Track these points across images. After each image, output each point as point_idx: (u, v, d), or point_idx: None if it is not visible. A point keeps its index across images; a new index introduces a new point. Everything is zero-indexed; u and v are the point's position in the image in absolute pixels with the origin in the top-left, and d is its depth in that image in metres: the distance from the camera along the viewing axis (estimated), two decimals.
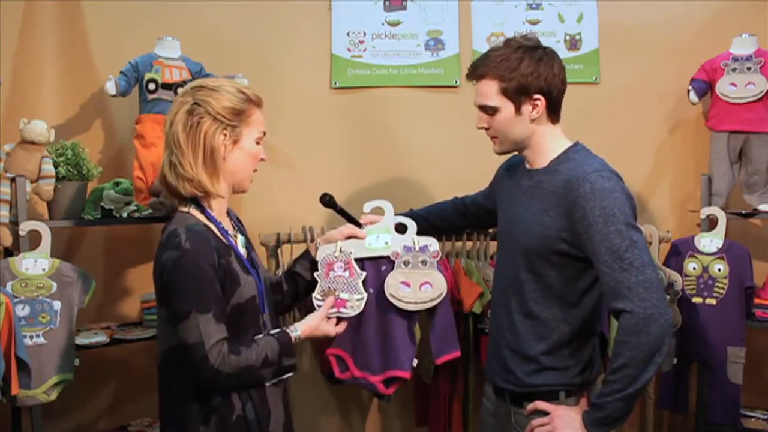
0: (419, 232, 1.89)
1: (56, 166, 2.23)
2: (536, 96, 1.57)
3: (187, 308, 1.41)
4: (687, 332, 2.49)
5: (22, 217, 2.14)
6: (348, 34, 2.71)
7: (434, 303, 1.87)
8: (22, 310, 2.06)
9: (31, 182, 2.18)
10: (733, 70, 2.59)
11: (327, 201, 1.86)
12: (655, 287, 1.44)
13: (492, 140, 1.68)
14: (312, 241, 2.29)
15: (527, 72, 1.55)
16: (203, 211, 1.53)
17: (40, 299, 2.10)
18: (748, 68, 2.57)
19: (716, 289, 2.51)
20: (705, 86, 2.64)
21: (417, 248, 1.87)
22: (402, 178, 2.71)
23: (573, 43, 2.77)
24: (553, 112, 1.62)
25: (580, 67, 2.76)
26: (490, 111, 1.61)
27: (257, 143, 1.57)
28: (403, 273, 1.85)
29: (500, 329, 1.69)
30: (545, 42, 1.63)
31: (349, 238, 1.85)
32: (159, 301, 1.50)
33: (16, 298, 2.06)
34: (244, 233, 1.66)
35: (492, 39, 2.72)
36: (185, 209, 1.53)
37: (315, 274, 1.80)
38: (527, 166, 1.67)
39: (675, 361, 2.55)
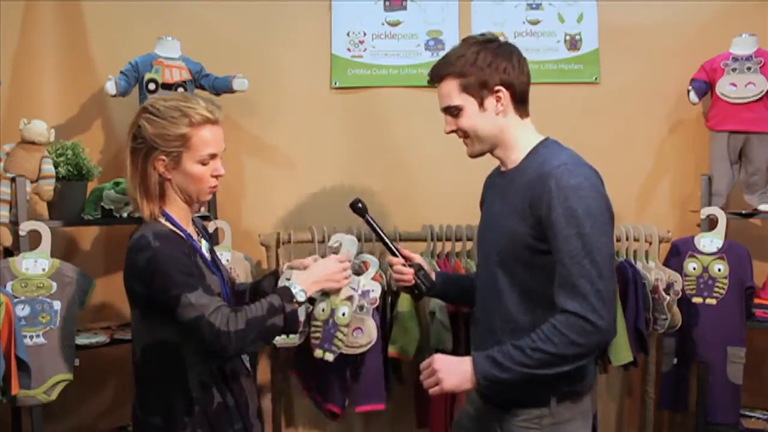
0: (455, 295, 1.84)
1: (56, 166, 2.23)
2: (497, 88, 1.52)
3: (176, 293, 1.42)
4: (687, 332, 2.49)
5: (22, 217, 2.14)
6: (348, 34, 2.71)
7: (362, 350, 1.89)
8: (22, 310, 2.07)
9: (31, 182, 2.18)
10: (733, 70, 2.59)
11: (359, 208, 1.79)
12: (609, 301, 1.38)
13: (464, 142, 1.62)
14: (312, 241, 2.31)
15: (484, 65, 1.51)
16: (168, 219, 1.56)
17: (40, 299, 2.11)
18: (748, 68, 2.57)
19: (716, 289, 2.51)
20: (705, 86, 2.64)
21: (360, 292, 1.86)
22: (402, 178, 2.71)
23: (573, 43, 2.76)
24: (521, 105, 1.55)
25: (580, 67, 2.75)
26: (454, 111, 1.56)
27: (204, 163, 1.52)
28: None
29: (482, 341, 1.60)
30: (546, 42, 1.61)
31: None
32: (132, 301, 1.53)
33: (16, 298, 2.06)
34: (208, 240, 1.69)
35: None
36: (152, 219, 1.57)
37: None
38: (501, 168, 1.62)
39: (675, 361, 2.55)
